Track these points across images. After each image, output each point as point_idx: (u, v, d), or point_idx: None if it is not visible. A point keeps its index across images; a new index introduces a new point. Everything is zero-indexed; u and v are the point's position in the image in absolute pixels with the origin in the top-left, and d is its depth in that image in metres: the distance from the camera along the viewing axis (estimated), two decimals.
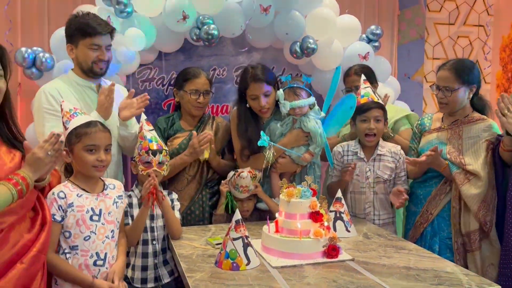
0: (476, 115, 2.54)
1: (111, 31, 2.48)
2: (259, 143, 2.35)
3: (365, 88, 2.69)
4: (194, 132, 2.55)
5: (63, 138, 1.75)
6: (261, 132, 2.38)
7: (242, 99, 2.64)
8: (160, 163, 2.27)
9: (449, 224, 2.50)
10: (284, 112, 2.50)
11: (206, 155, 2.56)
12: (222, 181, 2.58)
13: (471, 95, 2.52)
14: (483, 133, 2.47)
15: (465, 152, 2.47)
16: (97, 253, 1.88)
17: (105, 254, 1.90)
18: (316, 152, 2.54)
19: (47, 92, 2.40)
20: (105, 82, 2.60)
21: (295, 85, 2.52)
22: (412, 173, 2.68)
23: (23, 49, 2.96)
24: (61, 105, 2.06)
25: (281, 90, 2.52)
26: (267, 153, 2.38)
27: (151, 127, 2.34)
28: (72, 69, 2.54)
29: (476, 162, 2.43)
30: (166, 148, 2.34)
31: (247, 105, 2.60)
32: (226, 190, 2.53)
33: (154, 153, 2.26)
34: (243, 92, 2.60)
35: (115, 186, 2.05)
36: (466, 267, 2.35)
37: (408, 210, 2.73)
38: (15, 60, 2.95)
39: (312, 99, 2.52)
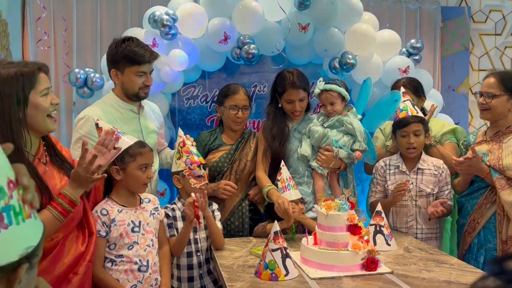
0: None
1: (155, 58, 2.50)
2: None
3: (404, 102, 2.69)
4: (222, 182, 2.64)
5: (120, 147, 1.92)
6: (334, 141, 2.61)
7: (274, 99, 2.78)
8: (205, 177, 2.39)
9: (495, 235, 2.47)
10: (317, 92, 2.72)
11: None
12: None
13: None
14: None
15: (504, 158, 2.45)
16: (140, 260, 2.05)
17: (147, 261, 2.07)
18: (363, 148, 2.67)
19: (90, 119, 2.32)
20: (148, 103, 2.71)
21: (331, 81, 2.74)
22: (459, 186, 2.67)
23: (76, 70, 3.16)
24: (96, 123, 2.08)
25: (320, 81, 2.73)
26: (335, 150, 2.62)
27: (193, 141, 2.44)
28: (113, 90, 2.53)
29: None
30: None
31: (279, 105, 2.74)
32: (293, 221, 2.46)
33: (204, 167, 2.39)
34: (279, 94, 2.72)
35: (150, 200, 2.21)
36: None
37: (458, 223, 2.74)
38: (69, 80, 3.16)
39: (344, 91, 2.69)
